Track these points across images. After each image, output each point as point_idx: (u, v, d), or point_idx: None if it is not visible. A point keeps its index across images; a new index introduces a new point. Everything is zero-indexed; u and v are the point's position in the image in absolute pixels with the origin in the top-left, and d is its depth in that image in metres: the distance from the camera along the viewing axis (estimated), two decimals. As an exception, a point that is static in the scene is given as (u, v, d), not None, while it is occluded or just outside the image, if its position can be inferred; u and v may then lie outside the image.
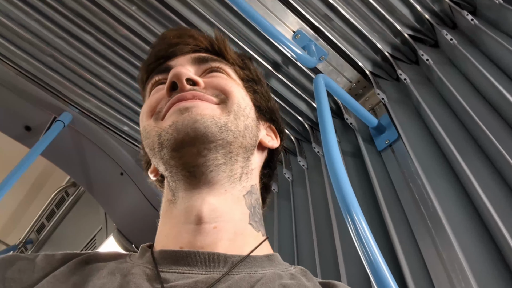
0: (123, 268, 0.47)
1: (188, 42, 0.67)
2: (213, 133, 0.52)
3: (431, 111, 1.20)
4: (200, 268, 0.47)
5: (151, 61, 0.68)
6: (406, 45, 1.45)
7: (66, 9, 1.50)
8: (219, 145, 0.53)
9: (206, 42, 0.69)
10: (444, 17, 1.40)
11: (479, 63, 1.15)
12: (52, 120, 1.84)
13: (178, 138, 0.51)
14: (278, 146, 0.68)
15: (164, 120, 0.54)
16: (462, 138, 1.09)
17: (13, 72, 1.74)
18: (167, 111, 0.55)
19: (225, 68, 0.66)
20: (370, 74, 1.49)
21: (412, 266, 0.97)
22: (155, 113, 0.57)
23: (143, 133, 0.58)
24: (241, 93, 0.62)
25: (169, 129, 0.52)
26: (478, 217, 0.94)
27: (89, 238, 2.78)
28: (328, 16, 1.40)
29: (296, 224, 1.44)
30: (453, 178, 1.05)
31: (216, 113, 0.54)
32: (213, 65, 0.65)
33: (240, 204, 0.55)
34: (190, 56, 0.65)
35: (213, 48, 0.69)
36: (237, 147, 0.55)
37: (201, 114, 0.52)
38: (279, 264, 0.53)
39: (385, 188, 1.20)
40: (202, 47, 0.68)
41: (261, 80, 0.73)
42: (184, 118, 0.51)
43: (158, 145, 0.53)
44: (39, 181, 3.12)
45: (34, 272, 0.46)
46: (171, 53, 0.66)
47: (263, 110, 0.68)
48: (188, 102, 0.54)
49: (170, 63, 0.65)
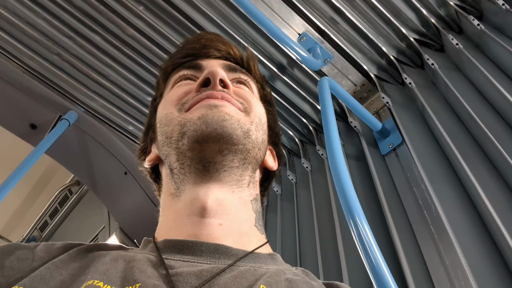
0: (126, 255, 0.47)
1: (222, 48, 0.70)
2: (238, 136, 0.53)
3: (436, 115, 1.20)
4: (206, 258, 0.47)
5: (181, 55, 0.69)
6: (411, 49, 1.44)
7: (74, 8, 1.51)
8: (239, 149, 0.54)
9: (239, 54, 0.72)
10: (450, 21, 1.39)
11: (484, 68, 1.15)
12: (58, 119, 1.85)
13: (205, 132, 0.51)
14: (276, 169, 0.69)
15: (190, 111, 0.55)
16: (467, 144, 1.09)
17: (19, 70, 1.75)
18: (194, 104, 0.56)
19: (251, 83, 0.69)
20: (375, 77, 1.49)
21: (415, 271, 0.96)
22: (180, 104, 0.58)
23: (162, 120, 0.59)
24: (262, 109, 0.64)
25: (198, 121, 0.52)
26: (481, 223, 0.93)
27: (92, 237, 2.79)
28: (334, 19, 1.40)
29: (299, 227, 1.44)
30: (457, 184, 1.05)
31: (241, 117, 0.56)
32: (242, 77, 0.68)
33: (247, 208, 0.56)
34: (221, 62, 0.68)
35: (243, 62, 0.72)
36: (252, 157, 0.57)
37: (229, 114, 0.54)
38: (281, 263, 0.54)
39: (388, 192, 1.20)
40: (234, 57, 0.71)
41: (273, 104, 0.76)
42: (214, 114, 0.53)
43: (179, 134, 0.54)
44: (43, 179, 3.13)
45: (33, 261, 0.46)
46: (205, 53, 0.69)
47: (272, 132, 0.70)
48: (218, 101, 0.55)
49: (202, 62, 0.67)
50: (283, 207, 1.63)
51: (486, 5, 1.29)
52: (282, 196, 1.68)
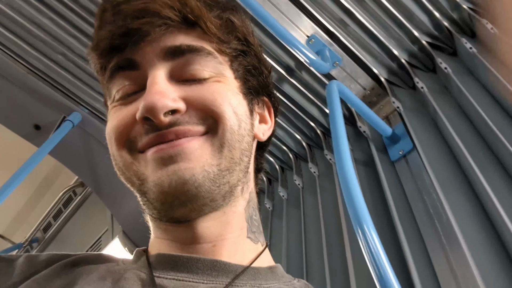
0: (115, 272, 0.44)
1: (154, 21, 0.46)
2: (207, 190, 0.43)
3: (448, 121, 1.17)
4: (202, 276, 0.44)
5: (104, 45, 0.48)
6: (423, 52, 1.41)
7: (79, 7, 1.50)
8: (215, 197, 0.45)
9: (177, 13, 0.47)
10: (463, 25, 1.36)
11: (499, 73, 1.12)
12: (62, 120, 1.84)
13: (165, 202, 0.43)
14: (272, 127, 0.60)
15: (145, 160, 0.45)
16: (480, 150, 1.06)
17: (23, 70, 1.75)
18: (146, 147, 0.45)
19: (207, 57, 0.49)
20: (386, 81, 1.46)
21: (425, 283, 0.93)
22: (128, 141, 0.46)
23: (115, 161, 0.48)
24: (234, 102, 0.49)
25: (154, 188, 0.43)
26: (496, 234, 0.90)
27: (95, 239, 2.79)
28: (344, 21, 1.37)
29: (306, 233, 1.42)
30: (469, 192, 1.02)
31: (206, 158, 0.44)
32: (191, 59, 0.48)
33: (239, 219, 0.50)
34: (159, 47, 0.47)
35: (187, 20, 0.48)
36: (235, 181, 0.48)
37: (190, 169, 0.43)
38: (282, 277, 0.51)
39: (398, 200, 1.17)
40: (172, 23, 0.47)
41: (250, 42, 0.56)
42: (171, 178, 0.42)
43: (140, 191, 0.46)
44: (48, 179, 3.13)
45: (13, 276, 0.43)
46: (134, 41, 0.47)
47: (257, 90, 0.57)
48: (171, 148, 0.43)
49: (134, 57, 0.47)
50: (288, 213, 1.60)
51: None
52: (288, 201, 1.66)
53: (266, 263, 0.52)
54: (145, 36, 0.46)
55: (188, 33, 0.48)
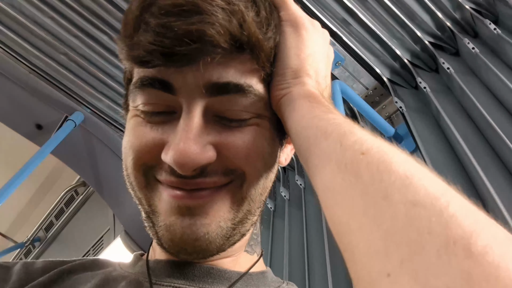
0: (112, 280, 0.44)
1: (204, 49, 0.38)
2: (217, 246, 0.42)
3: (451, 121, 1.17)
4: (198, 283, 0.44)
5: (141, 55, 0.38)
6: (426, 52, 1.41)
7: (81, 7, 1.50)
8: (225, 246, 0.43)
9: (232, 42, 0.39)
10: (465, 25, 1.36)
11: (501, 73, 1.12)
12: (64, 119, 1.83)
13: (172, 247, 0.41)
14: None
15: (159, 196, 0.42)
16: (483, 151, 1.05)
17: (26, 70, 1.75)
18: (164, 183, 0.42)
19: (252, 99, 0.42)
20: (388, 81, 1.46)
21: None
22: (146, 165, 0.42)
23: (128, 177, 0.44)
24: (267, 152, 0.44)
25: (164, 230, 0.41)
26: (499, 234, 0.90)
27: (97, 239, 2.78)
28: (346, 21, 1.37)
29: (308, 233, 1.41)
30: (473, 193, 1.01)
31: (223, 212, 0.42)
32: (235, 99, 0.41)
33: (242, 244, 0.49)
34: (204, 80, 0.39)
35: (241, 46, 0.40)
36: (249, 224, 0.46)
37: (205, 226, 0.40)
38: (272, 281, 0.51)
39: (400, 200, 1.16)
40: (224, 53, 0.39)
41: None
42: (184, 231, 0.40)
43: (147, 216, 0.44)
44: (50, 179, 3.13)
45: (8, 284, 0.43)
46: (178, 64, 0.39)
47: None
48: (191, 199, 0.40)
49: (173, 81, 0.40)
50: (290, 213, 1.60)
51: (501, 8, 1.26)
52: (290, 201, 1.65)
53: (258, 268, 0.52)
54: (190, 63, 0.38)
55: (236, 58, 0.40)
